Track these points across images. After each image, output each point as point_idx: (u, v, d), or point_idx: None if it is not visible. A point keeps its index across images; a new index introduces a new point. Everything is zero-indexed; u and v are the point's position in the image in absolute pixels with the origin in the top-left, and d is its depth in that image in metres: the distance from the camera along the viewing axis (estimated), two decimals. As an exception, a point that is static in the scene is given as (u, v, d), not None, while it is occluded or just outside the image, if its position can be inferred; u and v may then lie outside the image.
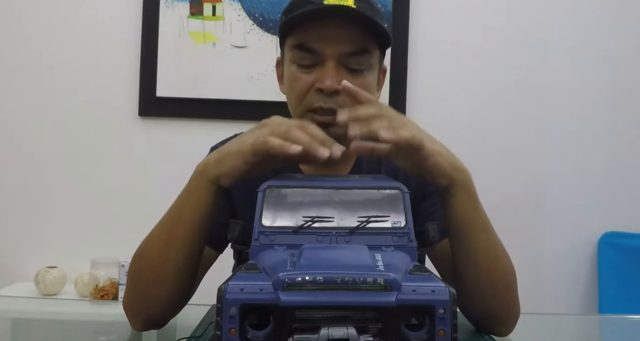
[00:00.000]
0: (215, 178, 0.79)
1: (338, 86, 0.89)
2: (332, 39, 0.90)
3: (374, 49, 0.93)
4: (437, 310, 0.53)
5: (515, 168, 2.14)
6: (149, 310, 0.85)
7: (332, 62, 0.90)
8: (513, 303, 0.88)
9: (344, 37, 0.90)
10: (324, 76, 0.90)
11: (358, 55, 0.91)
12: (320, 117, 0.91)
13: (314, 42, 0.90)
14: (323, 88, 0.90)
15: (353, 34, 0.90)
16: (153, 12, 2.08)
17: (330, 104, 0.90)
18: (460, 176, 0.80)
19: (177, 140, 2.08)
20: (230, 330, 0.52)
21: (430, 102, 2.12)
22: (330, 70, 0.90)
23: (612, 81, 2.16)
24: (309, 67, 0.92)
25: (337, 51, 0.90)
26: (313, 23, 0.90)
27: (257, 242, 0.65)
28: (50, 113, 2.10)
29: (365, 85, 0.92)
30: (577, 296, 2.16)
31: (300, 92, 0.92)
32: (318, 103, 0.91)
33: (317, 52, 0.91)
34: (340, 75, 0.90)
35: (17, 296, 1.74)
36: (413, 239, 0.66)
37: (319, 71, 0.91)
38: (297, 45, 0.92)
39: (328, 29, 0.90)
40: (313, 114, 0.92)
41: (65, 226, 2.10)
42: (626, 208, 2.15)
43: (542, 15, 2.15)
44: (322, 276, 0.53)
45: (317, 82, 0.91)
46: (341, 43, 0.90)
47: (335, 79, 0.89)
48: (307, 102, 0.92)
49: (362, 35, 0.91)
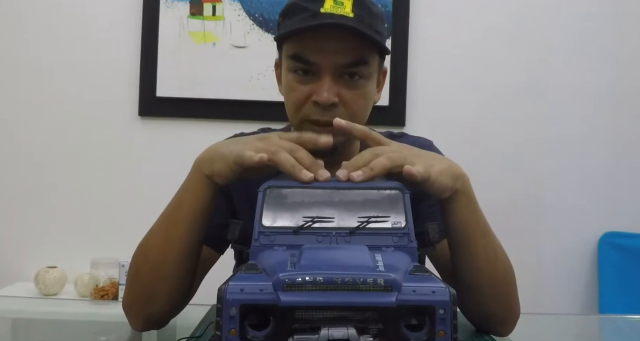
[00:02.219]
0: (210, 175, 0.80)
1: (334, 99, 0.88)
2: (328, 50, 0.87)
3: (372, 57, 0.91)
4: (437, 311, 0.53)
5: (515, 168, 2.13)
6: (149, 308, 0.85)
7: (329, 74, 0.88)
8: (513, 304, 0.88)
9: (340, 49, 0.87)
10: (320, 89, 0.88)
11: (355, 66, 0.89)
12: (319, 129, 0.88)
13: (310, 54, 0.88)
14: (319, 101, 0.88)
15: (350, 45, 0.88)
16: (153, 12, 2.08)
17: (327, 117, 0.88)
18: (461, 183, 0.80)
19: (177, 140, 2.08)
20: (230, 330, 0.52)
21: (430, 102, 2.12)
22: (326, 84, 0.87)
23: (612, 81, 2.16)
24: (306, 76, 0.90)
25: (334, 63, 0.88)
26: (309, 34, 0.88)
27: (257, 242, 0.65)
28: (50, 113, 2.10)
29: (363, 95, 0.91)
30: (577, 296, 2.16)
31: (297, 102, 0.91)
32: (315, 116, 0.89)
33: (313, 63, 0.88)
34: (337, 87, 0.88)
35: (17, 296, 1.74)
36: (413, 239, 0.66)
37: (316, 83, 0.89)
38: (292, 56, 0.90)
39: (324, 41, 0.87)
40: (312, 125, 0.90)
41: (65, 226, 2.10)
42: (626, 208, 2.15)
43: (542, 15, 2.15)
44: (322, 277, 0.53)
45: (314, 95, 0.88)
46: (337, 54, 0.87)
47: (331, 92, 0.87)
48: (303, 113, 0.90)
49: (360, 46, 0.88)
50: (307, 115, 0.90)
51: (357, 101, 0.90)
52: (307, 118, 0.90)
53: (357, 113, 0.91)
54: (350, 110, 0.90)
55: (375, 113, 0.99)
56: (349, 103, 0.90)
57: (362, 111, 0.93)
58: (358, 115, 0.92)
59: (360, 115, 0.93)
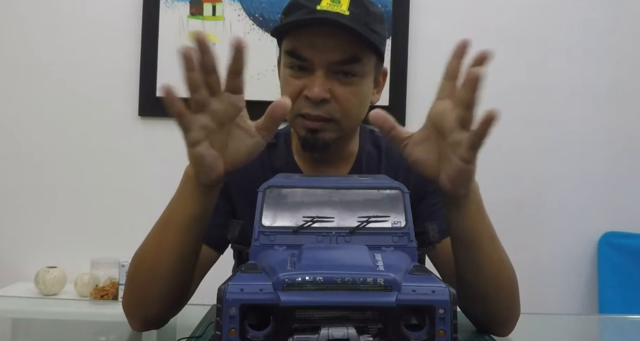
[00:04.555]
0: (197, 178, 0.78)
1: (326, 95, 0.89)
2: (322, 47, 0.89)
3: (367, 56, 0.92)
4: (437, 310, 0.53)
5: (515, 168, 2.13)
6: (146, 310, 0.85)
7: (321, 70, 0.90)
8: (515, 306, 0.88)
9: (334, 46, 0.89)
10: (312, 84, 0.90)
11: (349, 63, 0.90)
12: (309, 122, 0.92)
13: (304, 50, 0.90)
14: (310, 96, 0.90)
15: (344, 42, 0.89)
16: (153, 12, 2.08)
17: (318, 112, 0.91)
18: (474, 187, 0.80)
19: (177, 140, 2.03)
20: (230, 330, 0.52)
21: (430, 102, 2.11)
22: (318, 79, 0.89)
23: (612, 81, 2.16)
24: (300, 71, 0.92)
25: (327, 59, 0.90)
26: (304, 30, 0.90)
27: (257, 242, 0.65)
28: (51, 113, 2.10)
29: (356, 92, 0.92)
30: (577, 296, 2.16)
31: (290, 96, 0.91)
32: (306, 110, 0.91)
33: (307, 59, 0.90)
34: (329, 84, 0.90)
35: (17, 296, 1.74)
36: (413, 239, 0.66)
37: (309, 78, 0.91)
38: (288, 51, 0.92)
39: (318, 37, 0.89)
40: (303, 119, 0.92)
41: (65, 226, 2.10)
42: (626, 208, 2.15)
43: (542, 15, 2.15)
44: (322, 277, 0.53)
45: (306, 90, 0.90)
46: (331, 51, 0.89)
47: (323, 88, 0.89)
48: (296, 107, 0.91)
49: (353, 44, 0.90)
50: (299, 110, 0.92)
51: (350, 98, 0.92)
52: (299, 113, 0.92)
53: (350, 110, 0.93)
54: (342, 107, 0.91)
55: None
56: (341, 100, 0.91)
57: (355, 109, 0.94)
58: (351, 113, 0.93)
59: (353, 113, 0.94)
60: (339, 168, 1.02)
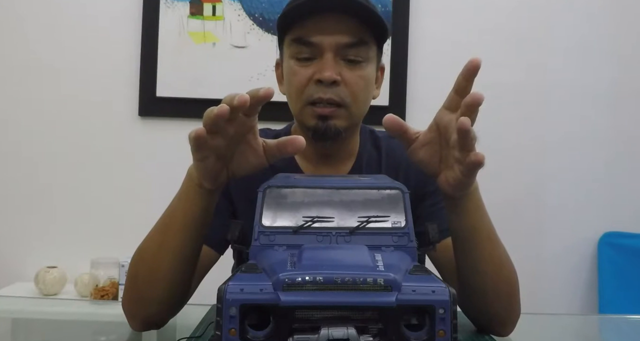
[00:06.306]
0: (199, 181, 0.78)
1: (337, 77, 0.91)
2: (330, 30, 0.91)
3: (372, 41, 0.95)
4: (437, 310, 0.53)
5: (515, 168, 2.13)
6: (146, 310, 0.85)
7: (331, 53, 0.92)
8: (515, 306, 0.88)
9: (341, 29, 0.91)
10: (323, 67, 0.91)
11: (356, 46, 0.92)
12: (319, 109, 0.92)
13: (312, 35, 0.92)
14: (322, 79, 0.91)
15: (350, 25, 0.91)
16: (153, 12, 2.08)
17: (330, 95, 0.91)
18: (475, 185, 0.80)
19: (177, 140, 2.05)
20: (230, 330, 0.52)
21: (430, 102, 2.09)
22: (329, 61, 0.91)
23: (612, 81, 2.16)
24: (308, 61, 0.93)
25: (335, 42, 0.91)
26: (310, 17, 0.91)
27: (257, 242, 0.65)
28: (51, 113, 2.10)
29: (364, 77, 0.94)
30: (577, 296, 2.16)
31: (299, 85, 0.93)
32: (317, 95, 0.92)
33: (315, 44, 0.92)
34: (339, 67, 0.92)
35: (17, 296, 1.74)
36: (413, 239, 0.66)
37: (318, 63, 0.92)
38: (295, 40, 0.93)
39: (325, 22, 0.91)
40: (313, 107, 0.93)
41: (65, 226, 2.10)
42: (626, 208, 2.15)
43: (542, 15, 2.15)
44: (322, 277, 0.53)
45: (316, 74, 0.92)
46: (339, 34, 0.91)
47: (334, 70, 0.91)
48: (306, 94, 0.93)
49: (360, 27, 0.92)
50: (310, 96, 0.92)
51: (358, 82, 0.93)
52: (310, 100, 0.92)
53: (358, 94, 0.94)
54: (351, 90, 0.93)
55: (376, 113, 0.99)
56: (350, 83, 0.93)
57: (363, 93, 0.95)
58: (359, 97, 0.94)
59: (361, 98, 0.95)
60: (340, 168, 1.02)
